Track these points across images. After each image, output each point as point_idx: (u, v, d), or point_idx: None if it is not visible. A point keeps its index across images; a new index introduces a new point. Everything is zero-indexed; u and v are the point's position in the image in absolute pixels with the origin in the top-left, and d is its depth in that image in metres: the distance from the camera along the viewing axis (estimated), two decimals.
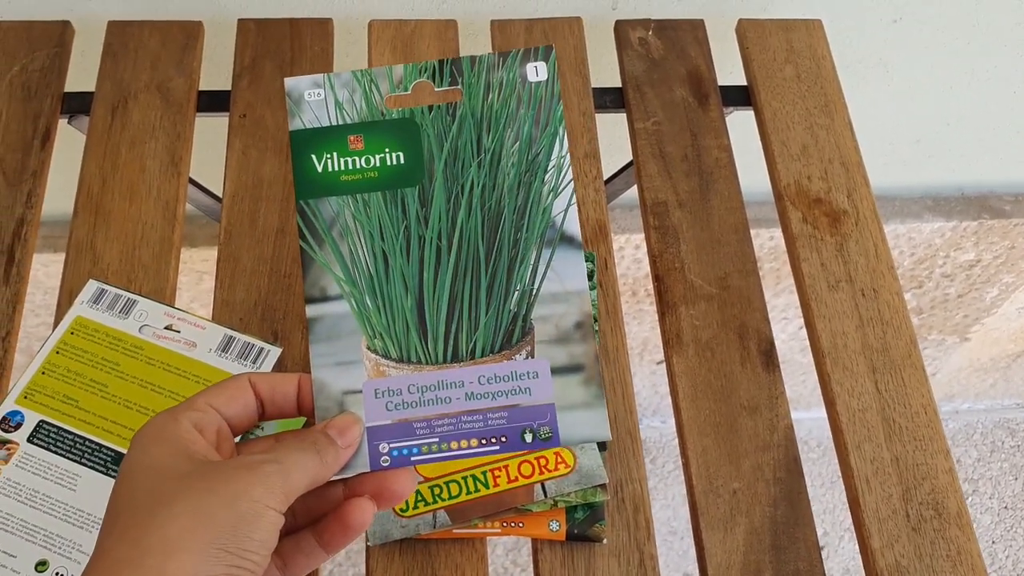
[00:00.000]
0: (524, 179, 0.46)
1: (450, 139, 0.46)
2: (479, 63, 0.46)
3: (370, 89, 0.46)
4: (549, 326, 0.46)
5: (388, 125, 0.46)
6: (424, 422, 0.44)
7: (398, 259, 0.46)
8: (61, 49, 0.74)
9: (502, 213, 0.46)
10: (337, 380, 0.44)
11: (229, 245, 0.65)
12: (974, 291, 1.33)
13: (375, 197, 0.46)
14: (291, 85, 0.46)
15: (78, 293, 0.62)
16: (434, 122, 0.46)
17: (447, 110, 0.46)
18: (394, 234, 0.46)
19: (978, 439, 1.70)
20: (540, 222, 0.46)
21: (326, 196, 0.45)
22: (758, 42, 0.78)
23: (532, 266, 0.46)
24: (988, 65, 0.97)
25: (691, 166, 0.71)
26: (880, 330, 0.64)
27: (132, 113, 0.71)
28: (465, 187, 0.46)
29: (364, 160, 0.46)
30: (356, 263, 0.46)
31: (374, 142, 0.46)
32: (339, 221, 0.45)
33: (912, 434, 0.61)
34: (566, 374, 0.45)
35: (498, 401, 0.44)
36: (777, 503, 0.58)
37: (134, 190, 0.67)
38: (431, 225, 0.46)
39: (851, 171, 0.71)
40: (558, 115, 0.46)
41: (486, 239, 0.46)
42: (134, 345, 0.58)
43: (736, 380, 0.62)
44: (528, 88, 0.46)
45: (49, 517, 0.53)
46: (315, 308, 0.45)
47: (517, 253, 0.46)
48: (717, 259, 0.67)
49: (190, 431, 0.39)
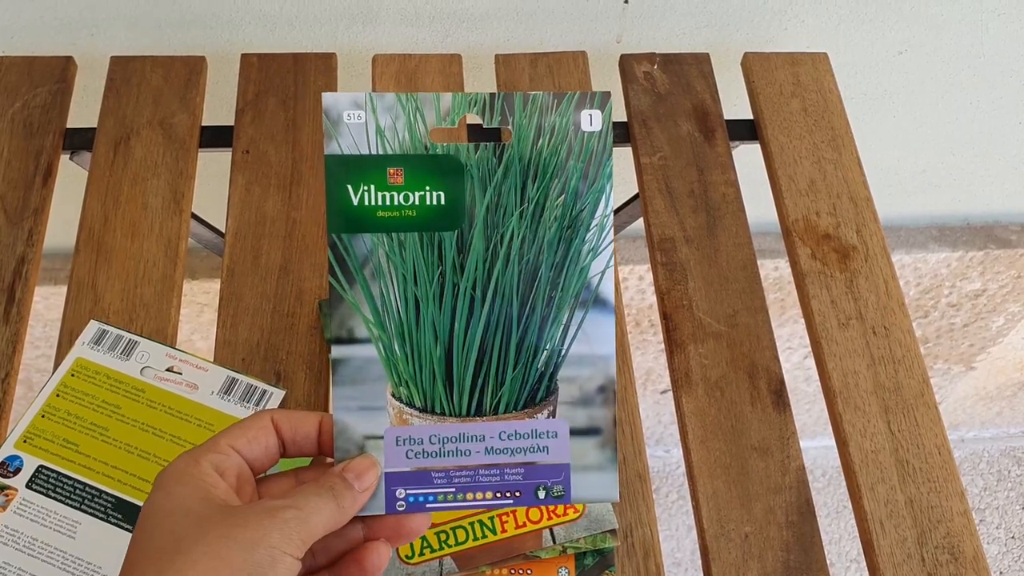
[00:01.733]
0: (565, 235, 0.45)
1: (494, 184, 0.44)
2: (532, 103, 0.44)
3: (414, 118, 0.43)
4: (573, 387, 0.45)
5: (431, 161, 0.43)
6: (442, 472, 0.43)
7: (430, 307, 0.45)
8: (64, 85, 0.73)
9: (539, 268, 0.45)
10: (359, 424, 0.44)
11: (231, 283, 0.65)
12: (980, 320, 1.32)
13: (411, 238, 0.44)
14: (329, 102, 0.43)
15: (79, 333, 0.61)
16: (479, 163, 0.44)
17: (493, 151, 0.44)
18: (428, 280, 0.44)
19: (984, 468, 1.68)
20: (576, 282, 0.45)
21: (361, 232, 0.43)
22: (764, 76, 0.77)
23: (564, 326, 0.45)
24: (993, 96, 0.97)
25: (698, 202, 0.70)
26: (892, 369, 0.64)
27: (135, 149, 0.70)
28: (505, 237, 0.45)
29: (403, 196, 0.44)
30: (387, 306, 0.45)
31: (415, 178, 0.43)
32: (372, 260, 0.44)
33: (926, 475, 0.60)
34: (583, 436, 0.45)
35: (516, 458, 0.44)
36: (790, 548, 0.57)
37: (136, 228, 0.67)
38: (467, 274, 0.45)
39: (860, 206, 0.71)
40: (607, 171, 0.44)
41: (521, 294, 0.45)
42: (135, 388, 0.58)
43: (746, 420, 0.62)
44: (580, 137, 0.44)
45: (48, 566, 0.51)
46: (342, 350, 0.44)
47: (550, 312, 0.45)
48: (725, 296, 0.66)
49: (211, 474, 0.39)
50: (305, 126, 0.72)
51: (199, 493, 0.38)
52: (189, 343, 1.18)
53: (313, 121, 0.72)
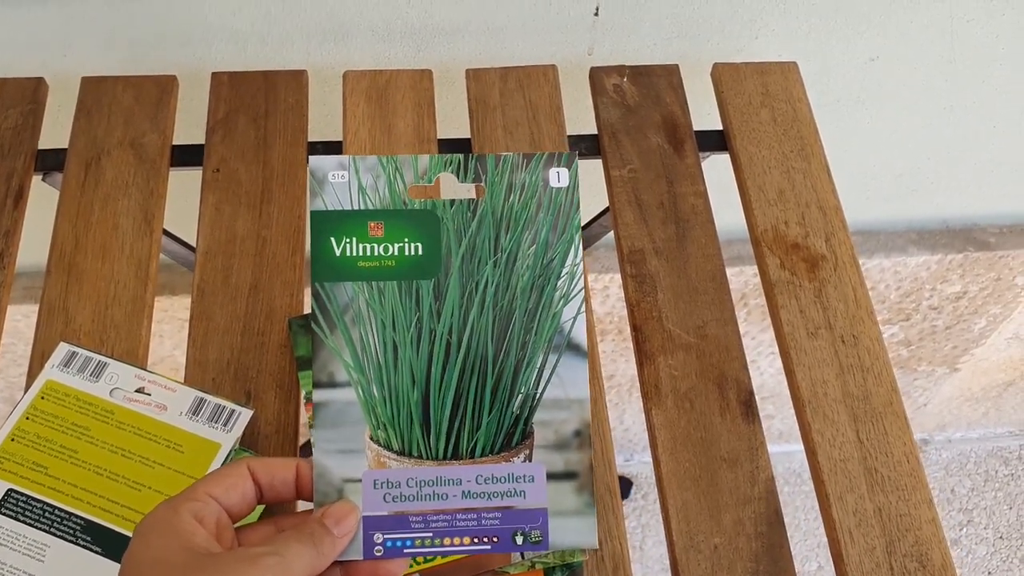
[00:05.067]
0: (537, 282, 0.47)
1: (469, 235, 0.47)
2: (503, 162, 0.47)
3: (394, 177, 0.47)
4: (548, 431, 0.46)
5: (409, 215, 0.46)
6: (420, 516, 0.45)
7: (407, 351, 0.46)
8: (35, 106, 0.74)
9: (513, 314, 0.47)
10: (338, 467, 0.45)
11: (202, 303, 0.65)
12: (962, 323, 1.33)
13: (391, 286, 0.46)
14: (315, 165, 0.46)
15: (50, 354, 0.61)
16: (455, 216, 0.47)
17: (468, 206, 0.47)
18: (406, 325, 0.46)
19: (971, 468, 1.69)
20: (549, 327, 0.47)
21: (342, 280, 0.46)
22: (733, 86, 0.78)
23: (538, 370, 0.47)
24: (966, 100, 0.97)
25: (667, 213, 0.70)
26: (861, 377, 0.64)
27: (105, 170, 0.71)
28: (480, 284, 0.47)
29: (383, 248, 0.46)
30: (366, 351, 0.46)
31: (394, 231, 0.46)
32: (353, 307, 0.46)
33: (895, 484, 0.60)
34: (561, 480, 0.46)
35: (493, 502, 0.45)
36: (759, 558, 0.58)
37: (107, 249, 0.67)
38: (443, 320, 0.46)
39: (828, 215, 0.71)
40: (576, 223, 0.47)
41: (495, 339, 0.47)
42: (104, 409, 0.58)
43: (716, 431, 0.62)
44: (549, 193, 0.47)
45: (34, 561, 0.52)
46: (323, 393, 0.46)
47: (524, 356, 0.47)
48: (695, 308, 0.66)
49: (190, 522, 0.39)
50: (276, 144, 0.72)
51: (179, 542, 0.38)
52: (171, 358, 1.18)
53: (283, 139, 0.72)
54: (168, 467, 0.56)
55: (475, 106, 0.75)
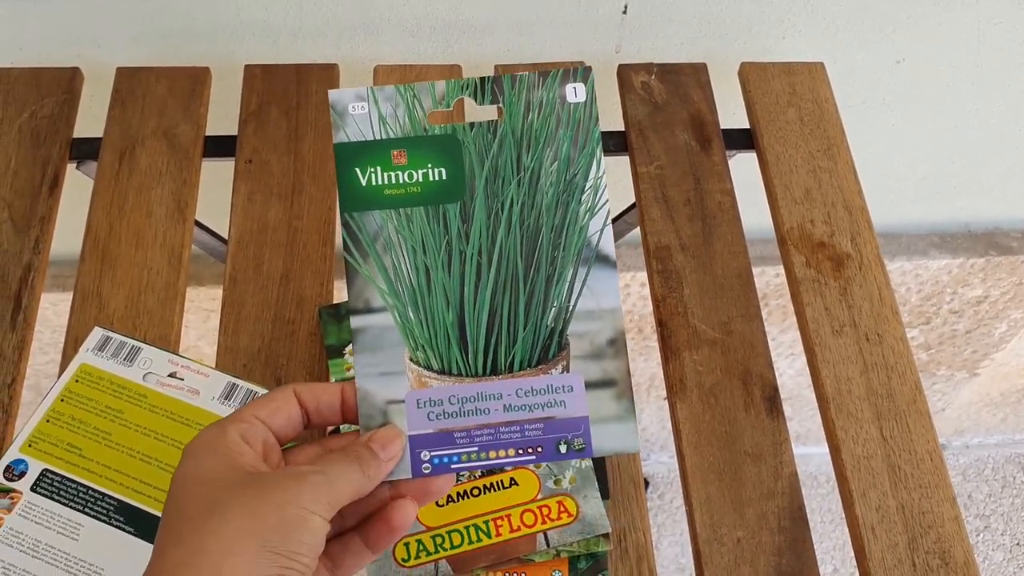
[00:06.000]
0: (562, 198, 0.47)
1: (491, 157, 0.47)
2: (519, 82, 0.47)
3: (413, 104, 0.47)
4: (584, 342, 0.47)
5: (431, 141, 0.46)
6: (464, 432, 0.45)
7: (440, 274, 0.47)
8: (70, 96, 0.75)
9: (540, 231, 0.47)
10: (381, 390, 0.45)
11: (234, 291, 0.66)
12: (982, 327, 1.33)
13: (418, 212, 0.46)
14: (335, 98, 0.46)
15: (84, 339, 0.62)
16: (475, 139, 0.47)
17: (488, 128, 0.47)
18: (436, 249, 0.47)
19: (989, 474, 1.68)
20: (577, 241, 0.47)
21: (370, 210, 0.46)
22: (760, 85, 0.78)
23: (569, 284, 0.47)
24: (992, 104, 0.97)
25: (694, 210, 0.71)
26: (885, 375, 0.64)
27: (139, 159, 0.72)
28: (505, 205, 0.47)
29: (407, 175, 0.46)
30: (399, 276, 0.47)
31: (417, 158, 0.46)
32: (383, 235, 0.46)
33: (918, 481, 0.60)
34: (599, 388, 0.46)
35: (535, 413, 0.45)
36: (782, 552, 0.58)
37: (140, 236, 0.68)
38: (472, 241, 0.47)
39: (854, 214, 0.72)
40: (595, 136, 0.47)
41: (524, 256, 0.47)
42: (138, 393, 0.59)
43: (740, 426, 0.62)
44: (567, 108, 0.47)
45: (52, 568, 0.53)
46: (359, 319, 0.46)
47: (554, 271, 0.47)
48: (720, 304, 0.67)
49: (238, 443, 0.40)
50: (307, 136, 0.73)
51: (228, 461, 0.39)
52: (196, 348, 1.19)
53: (315, 131, 0.73)
54: None
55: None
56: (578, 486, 0.57)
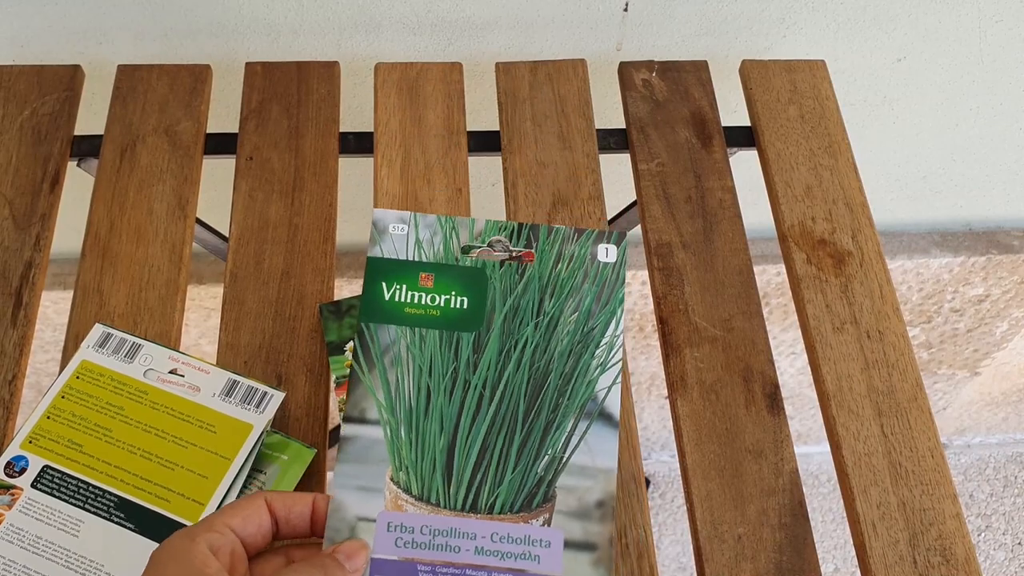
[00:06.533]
0: (576, 348, 0.48)
1: (514, 296, 0.49)
2: (555, 234, 0.49)
3: (450, 235, 0.49)
4: (571, 498, 0.47)
5: (459, 271, 0.49)
6: (429, 567, 0.44)
7: (440, 398, 0.48)
8: (71, 93, 0.75)
9: (548, 376, 0.48)
10: (355, 505, 0.46)
11: (234, 287, 0.66)
12: (983, 326, 1.33)
13: (432, 334, 0.48)
14: (379, 216, 0.49)
15: (85, 336, 0.62)
16: (503, 277, 0.49)
17: (516, 269, 0.49)
18: (442, 373, 0.48)
19: (991, 474, 1.68)
20: (583, 393, 0.48)
21: (387, 323, 0.48)
22: (761, 83, 0.78)
23: (567, 434, 0.48)
24: (994, 101, 0.97)
25: (695, 208, 0.71)
26: (886, 372, 0.64)
27: (140, 156, 0.72)
28: (519, 343, 0.48)
29: (430, 298, 0.48)
30: (400, 394, 0.48)
31: (443, 283, 0.48)
32: (393, 349, 0.48)
33: (919, 478, 0.60)
34: (578, 550, 0.46)
35: (506, 562, 0.45)
36: (783, 549, 0.58)
37: (141, 233, 0.68)
38: (479, 372, 0.48)
39: (855, 212, 0.71)
40: (619, 297, 0.49)
41: (528, 397, 0.48)
42: (139, 389, 0.59)
43: (741, 423, 0.62)
44: (596, 266, 0.49)
45: (52, 564, 0.53)
46: (351, 428, 0.47)
47: (556, 418, 0.48)
48: (721, 301, 0.67)
49: (205, 553, 0.41)
50: (308, 133, 0.73)
51: (191, 573, 0.40)
52: (197, 347, 1.19)
53: (316, 128, 0.73)
54: (201, 447, 0.57)
55: (504, 99, 0.76)
56: None
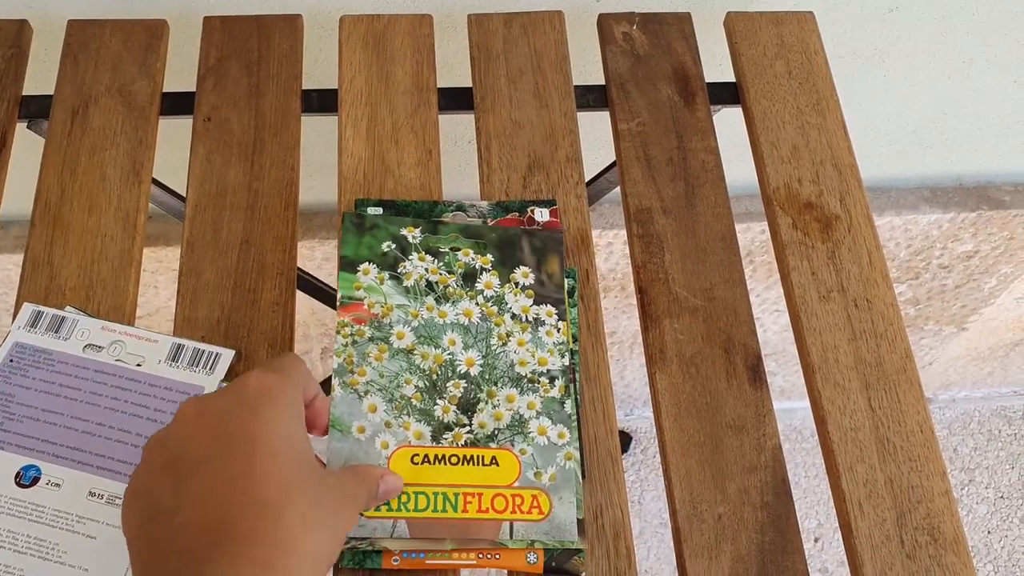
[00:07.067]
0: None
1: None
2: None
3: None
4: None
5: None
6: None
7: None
8: (18, 50, 0.71)
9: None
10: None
11: (191, 257, 0.62)
12: (972, 281, 1.30)
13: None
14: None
15: None
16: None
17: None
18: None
19: (975, 428, 1.68)
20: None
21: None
22: (747, 36, 0.74)
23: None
24: (987, 54, 0.94)
25: (676, 170, 0.68)
26: (874, 343, 0.62)
27: (93, 118, 0.68)
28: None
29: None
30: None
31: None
32: None
33: (907, 454, 0.58)
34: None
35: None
36: (764, 529, 0.56)
37: (94, 200, 0.64)
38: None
39: (844, 173, 0.68)
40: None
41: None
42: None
43: (721, 397, 0.60)
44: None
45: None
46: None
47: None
48: (703, 269, 0.64)
49: (302, 424, 0.44)
50: (269, 92, 0.69)
51: (302, 443, 0.42)
52: (167, 308, 1.16)
53: (277, 86, 0.69)
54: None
55: (477, 54, 0.72)
56: (556, 485, 0.54)
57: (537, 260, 0.60)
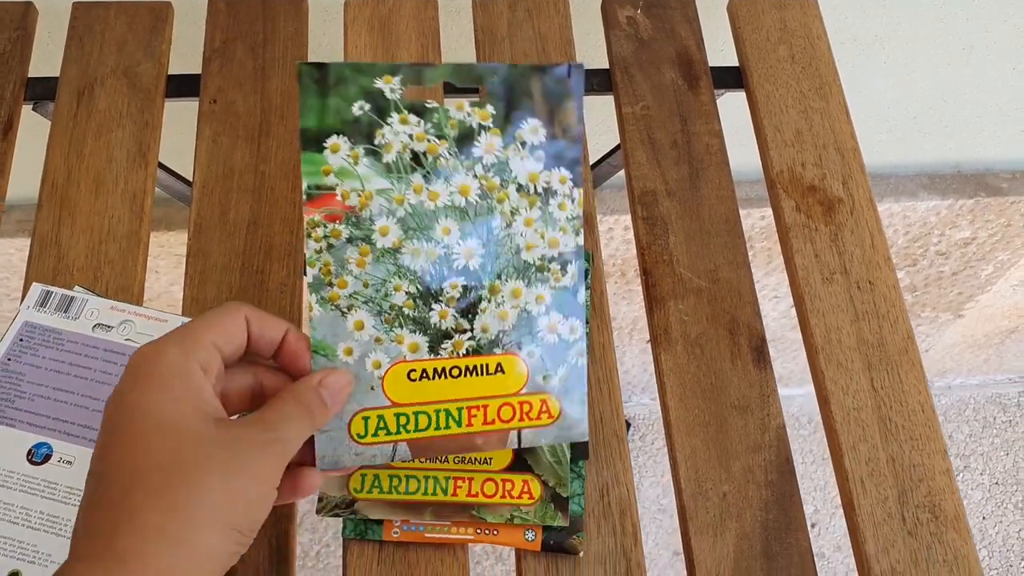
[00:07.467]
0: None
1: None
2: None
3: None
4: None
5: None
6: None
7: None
8: (24, 32, 0.71)
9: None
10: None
11: (199, 239, 0.63)
12: (969, 268, 1.31)
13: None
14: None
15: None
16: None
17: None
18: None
19: (970, 415, 1.69)
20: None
21: None
22: (751, 21, 0.75)
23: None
24: (987, 41, 0.94)
25: (681, 153, 0.68)
26: (876, 324, 0.62)
27: (98, 99, 0.68)
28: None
29: None
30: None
31: None
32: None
33: (909, 433, 0.59)
34: None
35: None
36: (768, 507, 0.57)
37: (100, 181, 0.65)
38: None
39: (846, 157, 0.69)
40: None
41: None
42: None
43: (726, 377, 0.60)
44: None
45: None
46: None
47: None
48: (707, 251, 0.64)
49: (200, 376, 0.39)
50: (274, 75, 0.69)
51: (193, 403, 0.38)
52: (168, 294, 1.16)
53: (282, 69, 0.70)
54: None
55: (482, 37, 0.72)
56: (567, 386, 0.49)
57: (550, 109, 0.47)
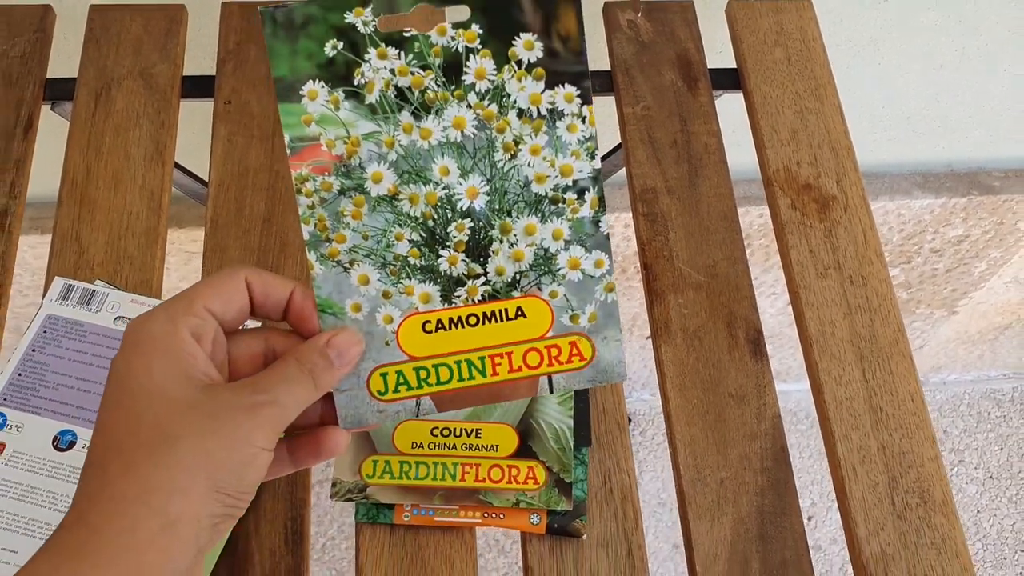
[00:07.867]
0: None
1: None
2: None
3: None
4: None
5: None
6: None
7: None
8: (42, 34, 0.73)
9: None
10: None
11: (215, 235, 0.65)
12: (962, 266, 1.34)
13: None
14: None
15: None
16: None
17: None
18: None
19: (964, 410, 1.71)
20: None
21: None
22: (748, 24, 0.77)
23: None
24: (978, 42, 0.96)
25: (680, 152, 0.70)
26: (868, 318, 0.65)
27: (116, 100, 0.70)
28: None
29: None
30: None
31: None
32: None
33: (899, 422, 0.61)
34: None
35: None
36: (764, 492, 0.59)
37: (118, 179, 0.67)
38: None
39: (840, 156, 0.71)
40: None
41: None
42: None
43: (724, 369, 0.63)
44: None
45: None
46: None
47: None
48: (706, 247, 0.67)
49: (190, 343, 0.37)
50: None
51: (180, 368, 0.37)
52: (179, 290, 1.18)
53: None
54: None
55: None
56: (598, 325, 0.45)
57: (544, 17, 0.41)
